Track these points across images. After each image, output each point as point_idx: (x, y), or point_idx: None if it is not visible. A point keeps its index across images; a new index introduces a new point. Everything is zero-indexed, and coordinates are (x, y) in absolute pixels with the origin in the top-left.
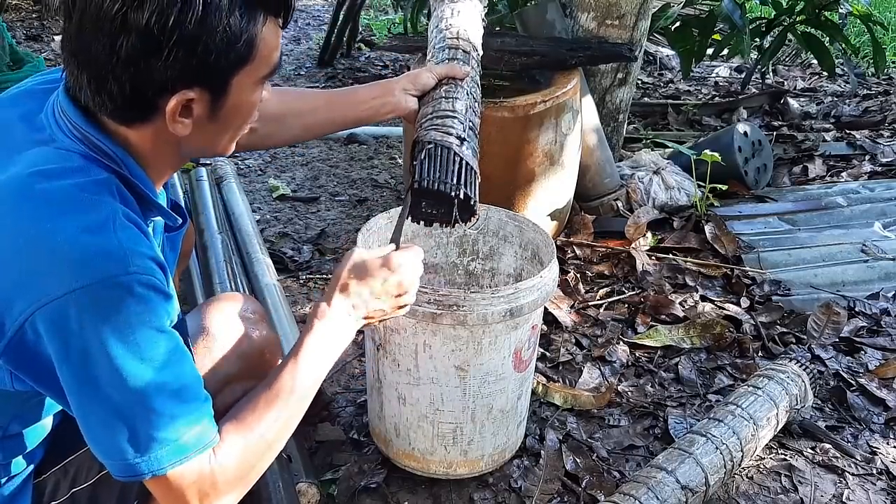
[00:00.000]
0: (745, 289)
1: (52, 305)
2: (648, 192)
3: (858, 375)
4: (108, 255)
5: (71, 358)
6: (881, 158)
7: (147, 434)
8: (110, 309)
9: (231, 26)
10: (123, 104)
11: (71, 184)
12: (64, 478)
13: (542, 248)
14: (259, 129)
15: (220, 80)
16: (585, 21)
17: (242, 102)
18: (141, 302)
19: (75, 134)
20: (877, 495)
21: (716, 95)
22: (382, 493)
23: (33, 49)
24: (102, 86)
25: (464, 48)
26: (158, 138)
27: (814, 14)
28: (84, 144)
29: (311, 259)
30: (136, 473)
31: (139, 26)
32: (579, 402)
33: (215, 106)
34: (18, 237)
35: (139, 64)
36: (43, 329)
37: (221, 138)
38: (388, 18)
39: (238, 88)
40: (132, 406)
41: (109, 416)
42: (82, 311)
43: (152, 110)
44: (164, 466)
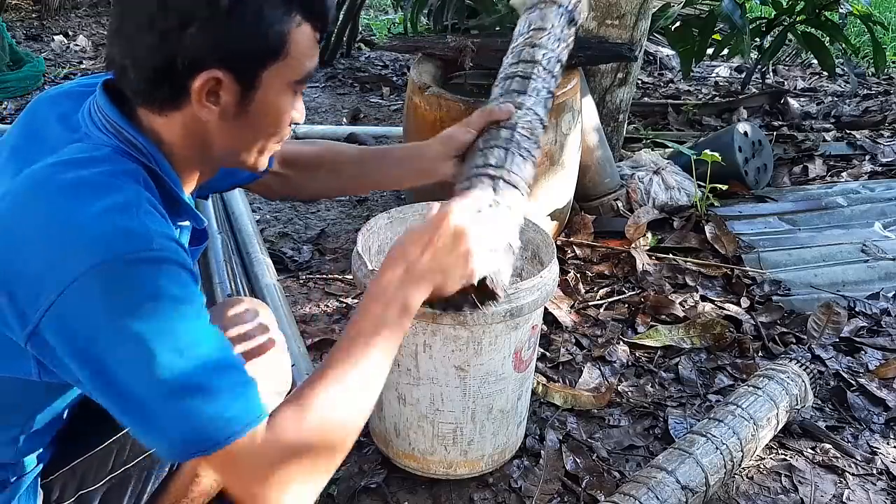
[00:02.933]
0: (745, 289)
1: (76, 284)
2: (648, 192)
3: (858, 375)
4: (132, 232)
5: (98, 336)
6: (881, 158)
7: (189, 410)
8: (134, 283)
9: (265, 14)
10: (156, 82)
11: (97, 171)
12: (71, 479)
13: (542, 248)
14: (293, 177)
15: (249, 68)
16: (585, 21)
17: (271, 103)
18: (168, 276)
19: (108, 128)
20: (877, 495)
21: (716, 95)
22: (382, 493)
23: (33, 49)
24: (138, 63)
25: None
26: (187, 130)
27: (814, 14)
28: (116, 138)
29: (311, 259)
30: (185, 453)
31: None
32: (579, 402)
33: (244, 98)
34: (43, 222)
35: (172, 35)
36: (68, 309)
37: (251, 143)
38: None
39: (267, 85)
40: (170, 382)
41: (147, 395)
42: (105, 286)
43: (181, 92)
44: (217, 441)
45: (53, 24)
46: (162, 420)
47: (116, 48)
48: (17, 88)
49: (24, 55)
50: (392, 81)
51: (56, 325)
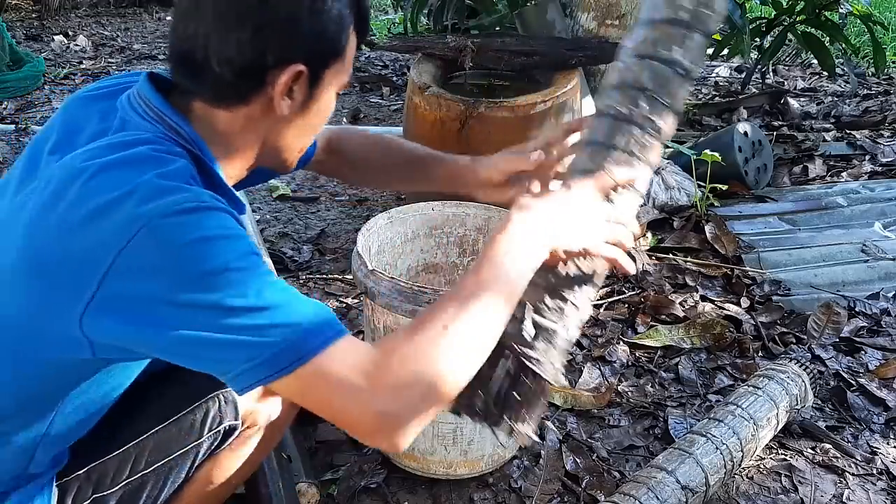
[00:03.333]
0: (745, 289)
1: (133, 241)
2: (648, 192)
3: (858, 375)
4: (181, 188)
5: (163, 286)
6: (881, 158)
7: (273, 324)
8: (190, 227)
9: (341, 14)
10: (240, 75)
11: (145, 148)
12: (87, 482)
13: None
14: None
15: (321, 66)
16: (585, 21)
17: (326, 102)
18: (218, 218)
19: (151, 116)
20: (877, 495)
21: (716, 95)
22: (382, 493)
23: (33, 49)
24: (223, 57)
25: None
26: (249, 124)
27: (814, 14)
28: (160, 125)
29: (311, 259)
30: (277, 367)
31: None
32: (579, 402)
33: (309, 95)
34: (88, 198)
35: (267, 31)
36: (125, 269)
37: (299, 140)
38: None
39: (327, 84)
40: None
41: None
42: (161, 236)
43: (260, 86)
44: (311, 348)
45: (53, 24)
46: (247, 342)
47: (192, 43)
48: (17, 88)
49: (24, 55)
50: (392, 81)
51: (110, 289)
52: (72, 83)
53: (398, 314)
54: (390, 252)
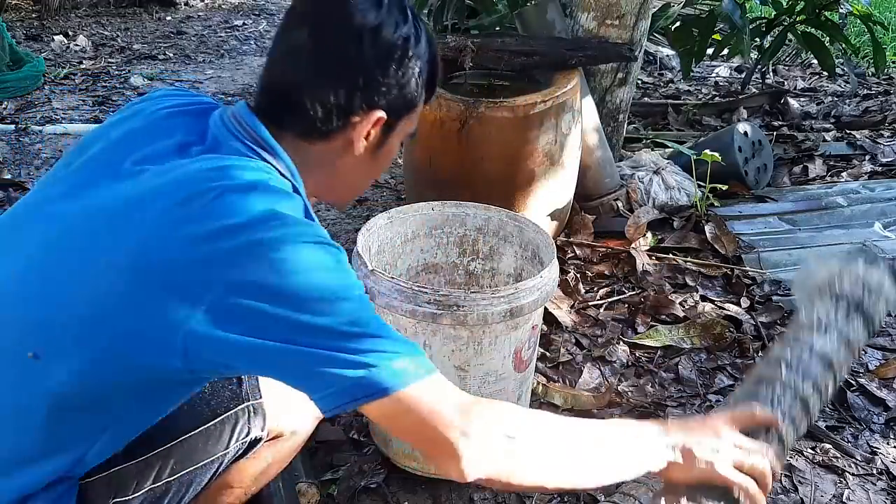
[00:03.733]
0: (745, 289)
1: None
2: (648, 192)
3: (858, 375)
4: (303, 222)
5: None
6: (881, 158)
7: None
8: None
9: (421, 70)
10: (329, 114)
11: (264, 178)
12: (107, 487)
13: (542, 248)
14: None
15: (397, 115)
16: (585, 21)
17: (392, 149)
18: (335, 255)
19: (248, 139)
20: (877, 495)
21: (716, 95)
22: (382, 493)
23: (33, 49)
24: (317, 96)
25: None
26: (325, 159)
27: (814, 14)
28: (255, 149)
29: None
30: (371, 391)
31: (386, 40)
32: (579, 402)
33: (383, 141)
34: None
35: (361, 79)
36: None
37: (363, 181)
38: None
39: (398, 132)
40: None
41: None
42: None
43: (345, 126)
44: (405, 380)
45: (53, 24)
46: (351, 362)
47: (289, 82)
48: (17, 88)
49: (24, 55)
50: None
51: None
52: (72, 83)
53: (398, 314)
54: (390, 252)
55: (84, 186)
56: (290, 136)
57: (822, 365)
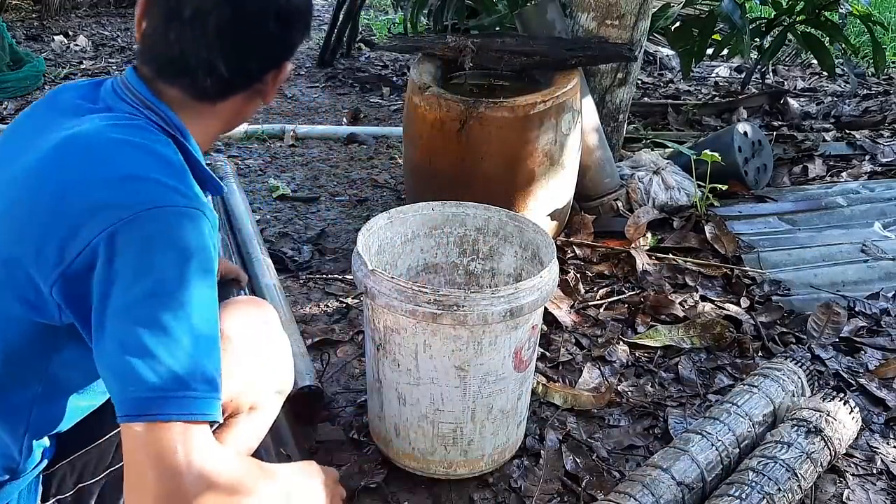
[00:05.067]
0: (745, 289)
1: (122, 223)
2: (648, 192)
3: (858, 375)
4: (179, 190)
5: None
6: (881, 158)
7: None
8: (173, 233)
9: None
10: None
11: (142, 136)
12: (70, 473)
13: (542, 248)
14: None
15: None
16: (585, 21)
17: (280, 82)
18: (202, 234)
19: (136, 102)
20: (877, 495)
21: (716, 95)
22: (382, 493)
23: (33, 49)
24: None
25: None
26: (231, 113)
27: (814, 14)
28: (143, 112)
29: (311, 259)
30: (144, 411)
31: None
32: (579, 402)
33: (275, 81)
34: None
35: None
36: (104, 249)
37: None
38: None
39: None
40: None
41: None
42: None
43: (251, 82)
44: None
45: (53, 24)
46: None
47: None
48: (17, 88)
49: (24, 55)
50: (392, 81)
51: (84, 263)
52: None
53: (398, 314)
54: (390, 252)
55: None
56: (182, 95)
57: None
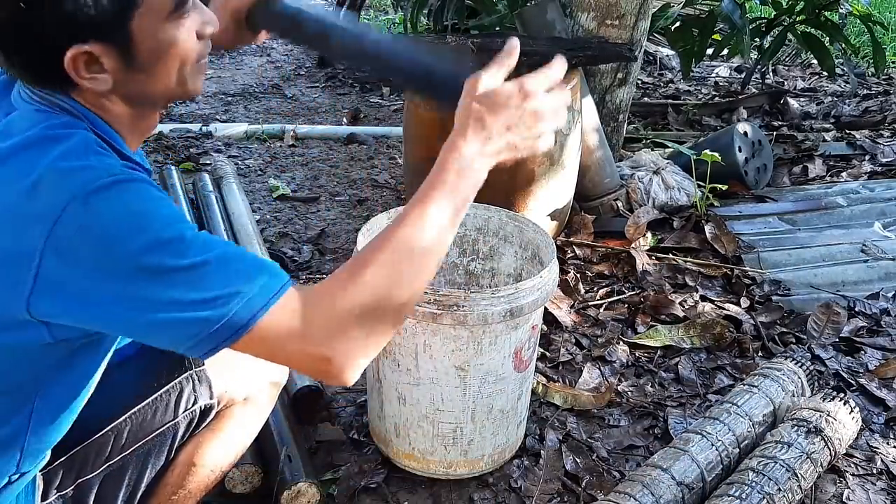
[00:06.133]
0: (745, 289)
1: (53, 231)
2: (648, 192)
3: (858, 375)
4: (90, 166)
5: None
6: (881, 158)
7: (205, 296)
8: (109, 206)
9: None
10: (42, 74)
11: (37, 130)
12: (70, 468)
13: (542, 248)
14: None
15: (114, 29)
16: (585, 21)
17: (158, 43)
18: (134, 190)
19: (34, 98)
20: (877, 495)
21: (716, 95)
22: (382, 493)
23: None
24: (17, 64)
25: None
26: (99, 98)
27: (814, 14)
28: (47, 106)
29: (311, 259)
30: (222, 339)
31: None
32: (579, 402)
33: (128, 56)
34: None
35: (30, 30)
36: (56, 255)
37: (165, 81)
38: (387, 18)
39: (143, 33)
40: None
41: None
42: (83, 218)
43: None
44: (246, 322)
45: None
46: (181, 320)
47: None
48: None
49: None
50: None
51: (47, 282)
52: None
53: None
54: None
55: None
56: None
57: None
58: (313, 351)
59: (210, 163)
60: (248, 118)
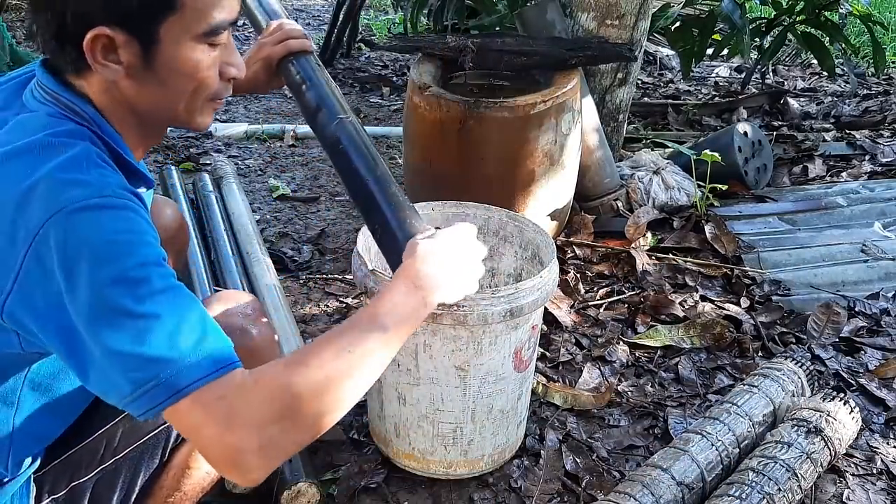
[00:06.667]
0: (745, 289)
1: (36, 239)
2: (648, 192)
3: (858, 375)
4: (83, 182)
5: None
6: (881, 158)
7: (149, 354)
8: (89, 228)
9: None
10: (58, 44)
11: (42, 136)
12: (63, 472)
13: (542, 248)
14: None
15: (143, 24)
16: (585, 21)
17: (179, 58)
18: (120, 219)
19: (46, 97)
20: (877, 495)
21: (716, 95)
22: (382, 493)
23: (33, 49)
24: (40, 27)
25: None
26: (107, 90)
27: (814, 14)
28: (54, 105)
29: (311, 259)
30: (152, 404)
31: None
32: (579, 402)
33: (147, 55)
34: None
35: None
36: (33, 265)
37: (173, 101)
38: (387, 18)
39: (170, 40)
40: (127, 328)
41: (111, 339)
42: (62, 234)
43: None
44: (180, 389)
45: None
46: (119, 370)
47: (32, 19)
48: None
49: (24, 55)
50: (392, 81)
51: (22, 289)
52: None
53: None
54: None
55: None
56: (71, 77)
57: None
58: (231, 440)
59: (210, 163)
60: (248, 118)
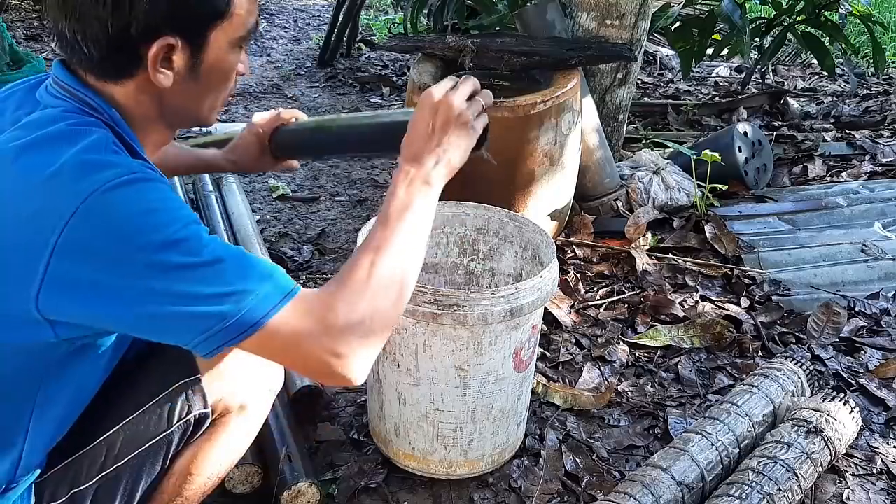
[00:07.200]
0: (745, 289)
1: (70, 222)
2: (648, 192)
3: (858, 375)
4: (109, 163)
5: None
6: (881, 158)
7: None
8: (130, 203)
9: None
10: (109, 52)
11: (61, 125)
12: (63, 479)
13: (542, 248)
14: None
15: (199, 31)
16: (585, 21)
17: (220, 61)
18: (156, 190)
19: (63, 93)
20: (877, 495)
21: (716, 95)
22: (382, 493)
23: (33, 49)
24: (89, 36)
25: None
26: (143, 94)
27: (814, 14)
28: (72, 101)
29: (311, 259)
30: (233, 335)
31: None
32: (579, 402)
33: (195, 60)
34: (14, 185)
35: (125, 6)
36: (70, 248)
37: (203, 101)
38: (388, 18)
39: (216, 45)
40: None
41: (172, 295)
42: (103, 213)
43: (136, 60)
44: (266, 313)
45: None
46: (201, 314)
47: (66, 24)
48: None
49: (24, 55)
50: (392, 81)
51: (63, 273)
52: None
53: None
54: None
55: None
56: (94, 79)
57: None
58: (329, 347)
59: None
60: (248, 118)
